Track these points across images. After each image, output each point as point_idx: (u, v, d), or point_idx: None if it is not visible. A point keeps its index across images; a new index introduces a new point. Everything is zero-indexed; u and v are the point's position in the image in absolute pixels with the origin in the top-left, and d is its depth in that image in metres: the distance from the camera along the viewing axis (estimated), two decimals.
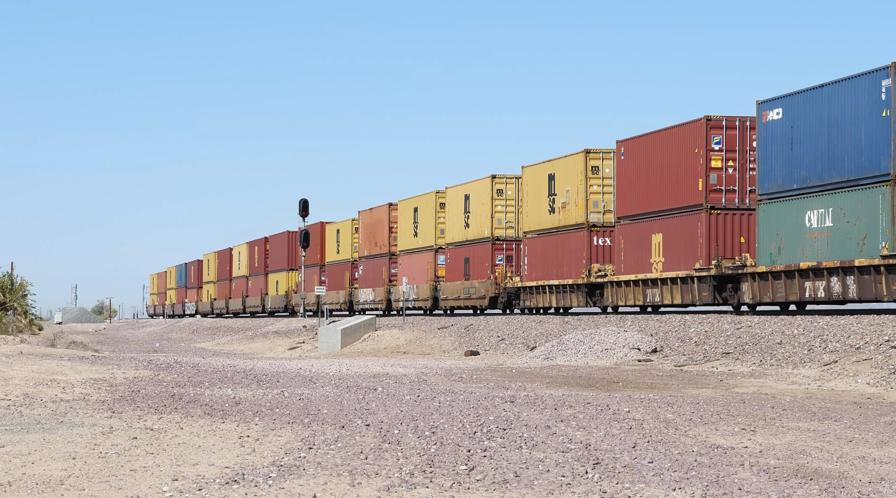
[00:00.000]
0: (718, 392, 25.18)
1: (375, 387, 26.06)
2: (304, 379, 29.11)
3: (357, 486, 12.83)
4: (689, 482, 12.98)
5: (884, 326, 31.42)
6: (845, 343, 30.75)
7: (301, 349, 61.62)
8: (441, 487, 12.74)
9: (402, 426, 17.76)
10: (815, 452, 15.37)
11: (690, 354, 35.11)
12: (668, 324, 40.81)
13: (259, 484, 12.89)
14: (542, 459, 14.55)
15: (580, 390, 25.43)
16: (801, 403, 22.15)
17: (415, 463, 14.25)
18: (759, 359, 32.09)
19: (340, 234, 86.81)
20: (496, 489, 12.67)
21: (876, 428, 18.05)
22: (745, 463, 14.29)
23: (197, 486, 12.79)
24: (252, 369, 33.30)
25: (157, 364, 34.67)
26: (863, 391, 25.32)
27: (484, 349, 46.49)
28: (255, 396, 23.42)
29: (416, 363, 38.59)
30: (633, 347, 37.53)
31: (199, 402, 22.12)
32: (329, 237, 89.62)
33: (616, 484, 12.89)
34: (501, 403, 21.72)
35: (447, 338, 52.09)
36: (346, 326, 58.71)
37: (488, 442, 15.97)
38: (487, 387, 26.44)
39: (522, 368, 34.83)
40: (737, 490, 12.54)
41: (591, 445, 15.72)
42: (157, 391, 24.48)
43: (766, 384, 27.32)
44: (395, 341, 55.26)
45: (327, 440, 16.27)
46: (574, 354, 37.71)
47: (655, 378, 29.43)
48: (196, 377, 29.24)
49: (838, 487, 12.76)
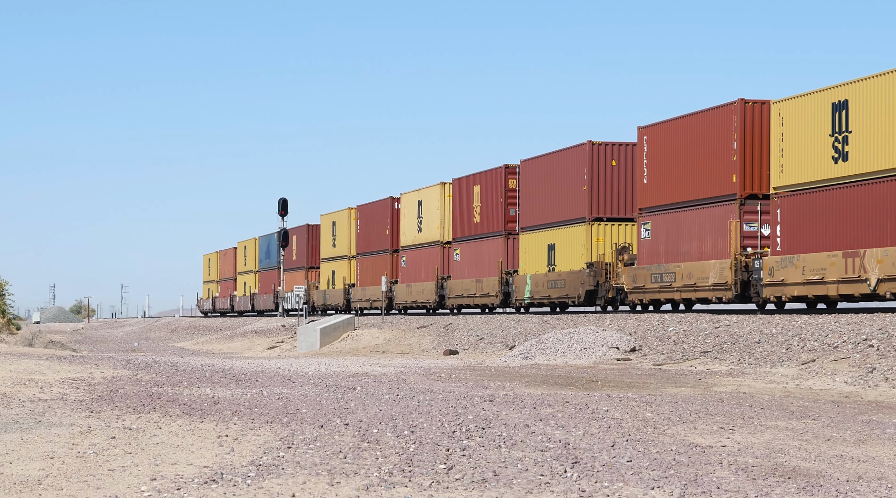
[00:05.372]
0: (697, 391, 25.23)
1: (354, 386, 26.04)
2: (283, 378, 29.08)
3: (336, 485, 12.82)
4: (667, 481, 13.00)
5: (861, 325, 31.51)
6: (823, 342, 30.83)
7: (280, 348, 61.53)
8: (420, 487, 12.73)
9: (381, 425, 17.75)
10: (794, 450, 15.40)
11: (669, 353, 35.16)
12: (647, 323, 40.87)
13: (238, 483, 12.86)
14: (520, 457, 14.55)
15: (559, 389, 25.45)
16: (779, 402, 22.20)
17: (394, 462, 14.24)
18: (737, 358, 32.15)
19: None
20: (475, 488, 12.67)
21: (854, 427, 18.10)
22: (723, 462, 14.32)
23: (175, 485, 12.77)
24: (231, 369, 33.25)
25: (136, 364, 34.59)
26: (841, 390, 25.38)
27: (463, 348, 46.50)
28: (234, 396, 23.39)
29: (395, 362, 38.58)
30: (612, 346, 37.57)
31: (177, 401, 22.07)
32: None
33: (595, 483, 12.90)
34: (480, 402, 21.73)
35: (426, 337, 52.08)
36: (325, 326, 58.64)
37: (467, 441, 15.97)
38: (466, 386, 26.45)
39: (501, 367, 34.84)
40: (715, 489, 12.56)
41: (569, 443, 15.73)
42: (135, 391, 24.42)
43: (745, 383, 27.38)
44: (374, 340, 55.22)
45: (306, 439, 16.25)
46: (553, 353, 37.73)
47: (634, 377, 29.47)
48: (174, 377, 29.18)
49: (816, 485, 12.79)
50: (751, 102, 40.85)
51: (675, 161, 44.41)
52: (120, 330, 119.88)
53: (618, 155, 50.32)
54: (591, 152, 50.00)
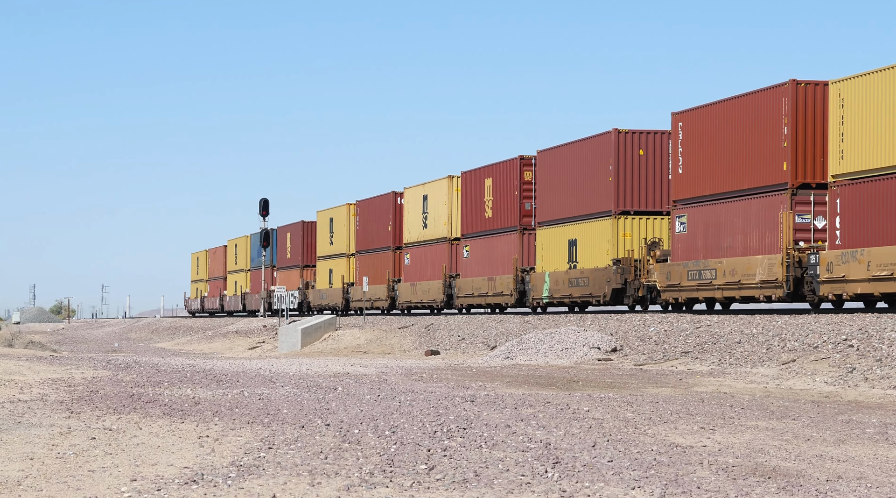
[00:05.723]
0: (678, 391, 25.27)
1: (335, 386, 26.03)
2: (264, 379, 29.05)
3: (317, 485, 12.81)
4: (648, 481, 13.01)
5: (841, 325, 31.59)
6: (803, 342, 30.90)
7: (261, 349, 61.48)
8: (401, 487, 12.73)
9: (362, 426, 17.74)
10: (774, 450, 15.43)
11: (650, 353, 35.21)
12: (628, 323, 40.91)
13: (218, 484, 12.85)
14: (501, 458, 14.56)
15: (540, 389, 25.47)
16: (759, 402, 22.25)
17: (375, 463, 14.23)
18: (718, 358, 32.21)
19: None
20: (456, 488, 12.67)
21: (833, 426, 18.14)
22: (703, 462, 14.34)
23: (156, 486, 12.74)
24: (212, 369, 33.20)
25: (116, 364, 34.52)
26: (821, 390, 25.45)
27: (444, 349, 46.50)
28: (215, 396, 23.35)
29: (376, 363, 38.57)
30: (593, 346, 37.60)
31: (158, 402, 22.03)
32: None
33: (576, 483, 12.91)
34: (461, 402, 21.73)
35: (407, 337, 52.07)
36: (307, 326, 58.60)
37: (448, 441, 15.97)
38: (447, 386, 26.45)
39: (483, 367, 34.85)
40: (695, 488, 12.58)
41: (550, 444, 15.74)
42: (115, 391, 24.37)
43: (725, 383, 27.43)
44: (355, 341, 55.19)
45: (287, 440, 16.23)
46: (534, 354, 37.75)
47: (615, 377, 29.51)
48: (155, 377, 29.13)
49: (796, 485, 12.82)
50: (803, 83, 37.75)
51: (714, 149, 41.53)
52: (100, 330, 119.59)
53: (645, 144, 47.64)
54: (617, 141, 47.32)
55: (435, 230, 63.93)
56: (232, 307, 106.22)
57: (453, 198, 61.99)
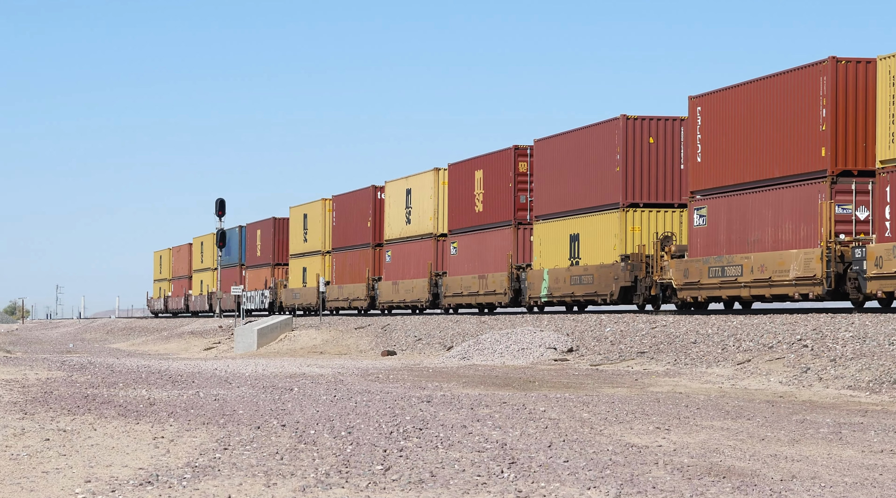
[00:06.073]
0: (633, 391, 25.34)
1: (292, 387, 25.98)
2: (220, 379, 28.96)
3: (272, 486, 12.78)
4: (603, 481, 13.04)
5: (796, 325, 31.78)
6: (758, 342, 31.05)
7: (217, 349, 61.30)
8: (357, 488, 12.72)
9: (318, 426, 17.71)
10: (729, 450, 15.50)
11: (606, 354, 35.30)
12: (584, 323, 41.00)
13: (173, 485, 12.80)
14: (458, 458, 14.56)
15: (496, 390, 25.49)
16: (714, 402, 22.34)
17: (331, 463, 14.22)
18: (673, 358, 32.32)
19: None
20: (412, 489, 12.67)
21: (788, 426, 18.24)
22: (659, 462, 14.39)
23: (110, 487, 12.69)
24: (167, 370, 33.07)
25: (71, 365, 34.34)
26: (775, 390, 25.58)
27: (401, 349, 46.48)
28: (170, 397, 23.27)
29: (332, 363, 38.52)
30: (550, 346, 37.66)
31: (112, 403, 21.93)
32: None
33: (531, 483, 12.93)
34: (418, 402, 21.73)
35: (364, 338, 52.03)
36: (263, 326, 58.48)
37: (404, 442, 15.96)
38: (404, 387, 26.44)
39: (439, 367, 34.86)
40: (651, 488, 12.62)
41: (506, 444, 15.76)
42: (70, 392, 24.24)
43: (681, 383, 27.53)
44: (311, 341, 55.11)
45: (243, 441, 16.19)
46: (491, 354, 37.78)
47: (571, 377, 29.57)
48: (110, 378, 28.99)
49: (750, 485, 12.88)
50: (844, 61, 34.91)
51: (739, 135, 38.57)
52: (55, 331, 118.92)
53: (656, 131, 44.61)
54: (626, 128, 44.40)
55: (419, 226, 61.45)
56: (198, 307, 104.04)
57: (440, 191, 59.44)
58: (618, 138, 44.52)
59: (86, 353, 58.69)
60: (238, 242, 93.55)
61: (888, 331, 28.44)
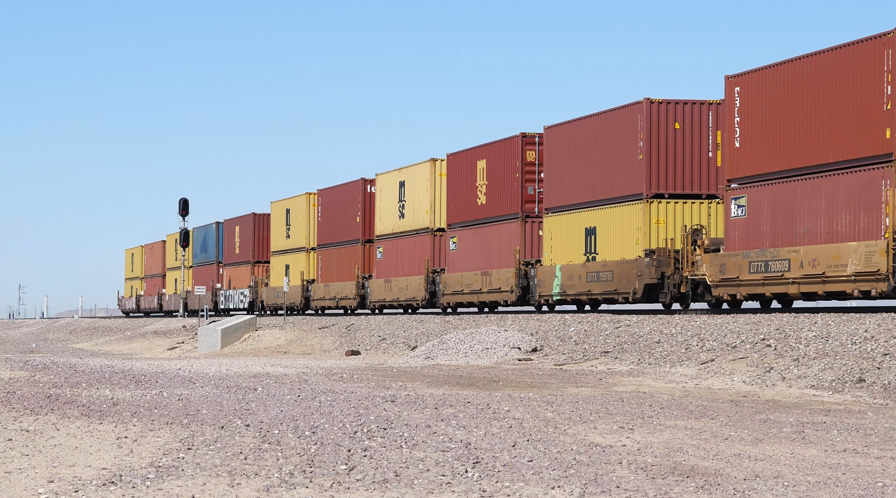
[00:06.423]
0: (597, 391, 25.39)
1: (255, 387, 25.93)
2: (184, 379, 28.88)
3: (236, 486, 12.76)
4: (567, 480, 13.06)
5: (759, 324, 31.88)
6: (722, 342, 31.14)
7: (181, 349, 61.11)
8: (321, 487, 12.70)
9: (282, 426, 17.68)
10: (692, 449, 15.55)
11: (570, 353, 35.34)
12: (549, 323, 41.04)
13: (137, 485, 12.76)
14: (422, 458, 14.56)
15: (460, 389, 25.50)
16: (678, 402, 22.40)
17: (295, 463, 14.19)
18: (637, 358, 32.39)
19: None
20: (376, 489, 12.66)
21: (751, 426, 18.31)
22: (622, 461, 14.42)
23: (73, 487, 12.64)
24: (130, 370, 32.96)
25: (34, 365, 34.18)
26: (739, 389, 25.66)
27: (365, 349, 46.44)
28: (134, 397, 23.19)
29: (296, 363, 38.46)
30: (514, 346, 37.68)
31: (76, 403, 21.84)
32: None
33: (496, 483, 12.94)
34: (382, 402, 21.72)
35: (328, 337, 51.96)
36: (227, 326, 58.35)
37: (369, 442, 15.95)
38: (368, 386, 26.42)
39: (403, 367, 34.85)
40: (615, 488, 12.64)
41: (471, 444, 15.77)
42: (33, 392, 24.13)
43: (645, 383, 27.59)
44: (275, 341, 55.01)
45: (206, 441, 16.15)
46: (455, 354, 37.79)
47: (535, 377, 29.60)
48: (73, 378, 28.87)
49: (714, 484, 12.92)
50: None
51: (785, 117, 35.05)
52: (17, 331, 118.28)
53: (682, 116, 41.22)
54: (650, 113, 41.00)
55: (414, 220, 57.94)
56: (172, 306, 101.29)
57: (437, 183, 56.07)
58: (641, 123, 41.22)
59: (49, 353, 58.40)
60: (215, 240, 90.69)
61: (850, 330, 28.57)
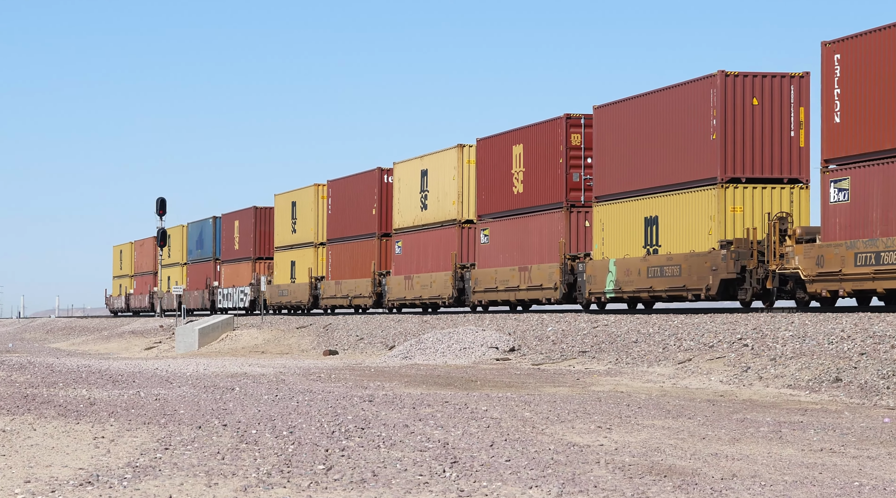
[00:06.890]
0: (575, 390, 25.41)
1: (233, 387, 25.89)
2: (161, 379, 28.82)
3: (214, 486, 12.73)
4: (545, 480, 13.08)
5: (736, 324, 31.95)
6: (699, 341, 31.21)
7: (158, 349, 60.95)
8: (299, 487, 12.69)
9: (259, 426, 17.66)
10: (670, 449, 15.57)
11: (548, 353, 35.37)
12: (526, 323, 41.07)
13: (114, 485, 12.73)
14: (400, 458, 14.56)
15: (438, 389, 25.51)
16: (655, 401, 22.44)
17: (272, 463, 14.18)
18: (615, 357, 32.43)
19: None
20: (354, 489, 12.65)
21: (728, 425, 18.35)
22: (600, 460, 14.44)
23: (50, 487, 12.60)
24: (108, 370, 32.88)
25: (10, 365, 34.08)
26: (716, 389, 25.72)
27: (343, 349, 46.41)
28: (111, 397, 23.13)
29: (274, 363, 38.42)
30: (492, 345, 37.70)
31: (52, 403, 21.78)
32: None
33: (473, 483, 12.94)
34: (360, 402, 21.71)
35: (306, 337, 51.91)
36: (204, 326, 58.23)
37: (346, 441, 15.94)
38: (346, 386, 26.41)
39: (381, 367, 34.84)
40: (592, 487, 12.66)
41: (448, 443, 15.77)
42: (9, 392, 24.06)
43: (622, 382, 27.63)
44: (253, 341, 54.93)
45: (184, 441, 16.12)
46: (433, 353, 37.79)
47: (513, 377, 29.62)
48: (50, 378, 28.79)
49: (691, 483, 12.94)
50: None
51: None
52: None
53: (760, 91, 37.07)
54: (724, 87, 36.91)
55: (439, 212, 53.16)
56: (166, 305, 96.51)
57: (464, 171, 51.44)
58: (715, 99, 36.99)
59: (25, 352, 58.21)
60: (212, 235, 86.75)
61: (827, 330, 28.66)
